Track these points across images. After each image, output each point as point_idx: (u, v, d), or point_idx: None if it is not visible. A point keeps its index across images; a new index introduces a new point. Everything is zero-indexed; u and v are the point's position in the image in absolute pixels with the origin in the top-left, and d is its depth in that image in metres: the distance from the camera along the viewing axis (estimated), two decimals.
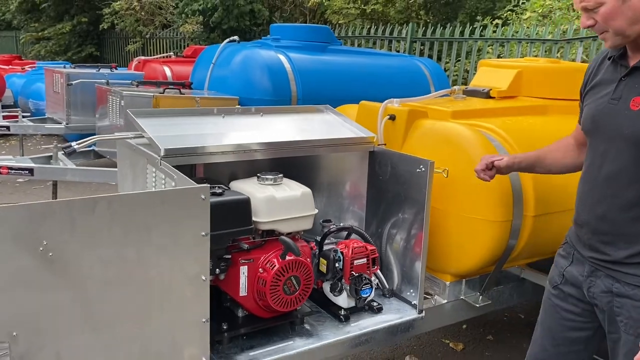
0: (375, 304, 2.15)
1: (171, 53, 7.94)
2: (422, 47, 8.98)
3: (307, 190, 1.97)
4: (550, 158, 1.85)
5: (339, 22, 10.06)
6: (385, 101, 2.44)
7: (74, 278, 1.39)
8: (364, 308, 2.13)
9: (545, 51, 7.48)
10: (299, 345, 1.91)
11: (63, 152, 2.15)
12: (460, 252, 2.19)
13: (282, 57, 4.96)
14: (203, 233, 1.57)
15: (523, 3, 9.33)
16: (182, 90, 4.67)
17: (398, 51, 9.01)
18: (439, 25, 9.00)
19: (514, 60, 3.07)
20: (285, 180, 2.02)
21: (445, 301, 2.30)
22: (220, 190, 1.78)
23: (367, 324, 2.07)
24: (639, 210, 1.46)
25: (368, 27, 9.66)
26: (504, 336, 3.15)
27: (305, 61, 5.07)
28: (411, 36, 8.84)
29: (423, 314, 2.16)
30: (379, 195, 2.30)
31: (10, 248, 1.29)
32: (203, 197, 1.55)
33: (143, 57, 7.39)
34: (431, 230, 2.10)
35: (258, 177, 1.97)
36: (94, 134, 5.17)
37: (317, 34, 5.62)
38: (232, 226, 1.75)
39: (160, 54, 13.98)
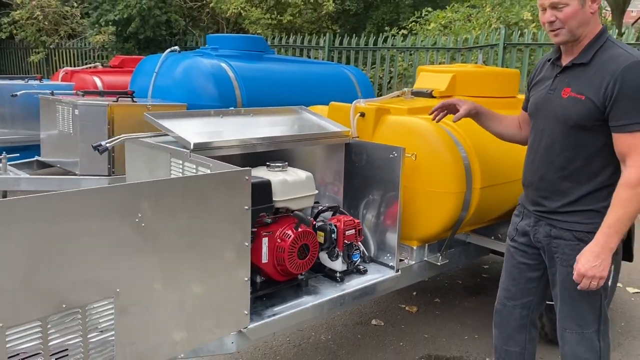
0: (361, 267, 2.61)
1: (98, 63, 7.90)
2: (339, 56, 9.61)
3: (310, 174, 2.40)
4: (501, 123, 2.37)
5: (257, 32, 10.46)
6: (354, 101, 2.91)
7: (158, 244, 1.72)
8: (353, 271, 2.58)
9: (451, 58, 8.38)
10: (309, 300, 2.32)
11: (97, 150, 2.37)
12: (425, 221, 2.71)
13: (224, 65, 5.29)
14: (246, 207, 1.95)
15: (425, 15, 10.28)
16: (124, 98, 4.84)
17: (317, 59, 9.58)
18: (353, 35, 9.70)
19: (447, 66, 3.67)
20: (290, 167, 2.43)
21: (414, 262, 2.81)
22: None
23: (358, 282, 2.53)
24: (567, 172, 2.02)
25: (287, 36, 10.17)
26: (448, 299, 3.73)
27: (246, 69, 5.44)
28: (329, 45, 9.45)
29: (399, 272, 2.65)
30: (354, 179, 2.76)
31: (116, 219, 1.60)
32: (247, 177, 1.93)
33: (70, 68, 7.33)
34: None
35: (268, 165, 2.37)
36: (38, 145, 5.22)
37: (253, 43, 6.01)
38: (259, 203, 2.13)
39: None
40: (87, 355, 1.61)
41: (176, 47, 5.67)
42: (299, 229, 2.27)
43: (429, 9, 10.18)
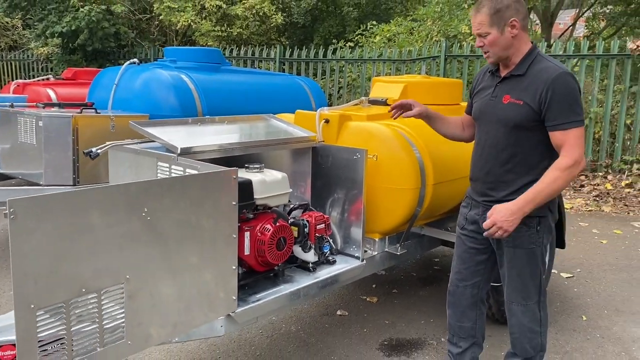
0: (331, 258, 2.89)
1: (50, 76, 7.86)
2: (289, 67, 9.92)
3: (285, 174, 2.67)
4: (448, 124, 2.73)
5: (207, 44, 10.63)
6: (319, 109, 3.21)
7: (162, 235, 1.94)
8: (323, 262, 2.86)
9: (396, 69, 8.85)
10: (287, 288, 2.58)
11: (89, 156, 2.52)
12: (386, 215, 3.02)
13: (184, 77, 5.48)
14: (233, 203, 2.19)
15: (371, 28, 10.77)
16: (86, 110, 4.94)
17: (267, 70, 9.85)
18: (303, 47, 10.04)
19: (399, 77, 4.02)
20: (266, 169, 2.68)
21: (376, 253, 3.11)
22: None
23: (328, 271, 2.80)
24: (510, 165, 2.37)
25: (237, 49, 10.39)
26: (405, 289, 4.06)
27: (205, 80, 5.64)
28: (280, 57, 9.74)
29: (364, 262, 2.95)
30: (321, 180, 3.05)
31: (126, 213, 1.82)
32: (234, 176, 2.18)
33: (21, 81, 7.28)
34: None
35: (246, 167, 2.62)
36: None
37: (210, 55, 6.22)
38: (242, 200, 2.37)
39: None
40: (102, 335, 1.81)
41: (135, 60, 5.81)
42: (277, 224, 2.53)
43: (374, 22, 10.68)
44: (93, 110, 4.90)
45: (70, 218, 1.65)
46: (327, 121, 3.14)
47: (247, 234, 2.47)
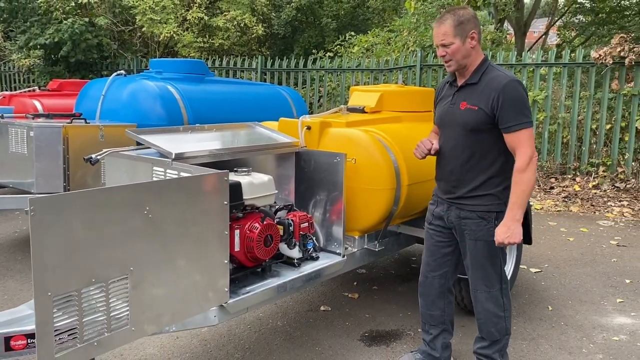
0: (314, 254, 3.11)
1: (35, 87, 7.99)
2: (271, 77, 10.17)
3: (270, 177, 2.89)
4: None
5: (190, 55, 10.82)
6: (301, 117, 3.45)
7: (161, 231, 2.15)
8: (307, 258, 3.08)
9: (375, 78, 9.14)
10: (274, 282, 2.80)
11: (89, 162, 2.69)
12: (364, 214, 3.26)
13: (170, 87, 5.68)
14: (225, 202, 2.41)
15: (349, 39, 11.07)
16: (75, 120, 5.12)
17: (250, 80, 10.08)
18: (284, 57, 10.30)
19: (375, 86, 4.28)
20: (253, 172, 2.91)
21: (356, 249, 3.35)
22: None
23: (312, 266, 3.03)
24: (469, 165, 2.63)
25: (220, 59, 10.60)
26: (384, 285, 4.30)
27: (190, 90, 5.85)
28: (261, 67, 9.98)
29: (345, 258, 3.18)
30: (304, 182, 3.28)
31: (129, 211, 2.03)
32: (226, 178, 2.40)
33: (7, 92, 7.40)
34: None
35: (235, 170, 2.84)
36: None
37: (195, 66, 6.42)
38: (232, 200, 2.59)
39: (32, 87, 13.24)
40: (109, 321, 2.01)
41: (122, 71, 5.99)
42: (265, 222, 2.75)
43: (352, 33, 10.99)
44: (83, 121, 5.07)
45: (82, 215, 1.86)
46: (308, 128, 3.38)
47: (237, 232, 2.69)
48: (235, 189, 2.64)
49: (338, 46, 11.20)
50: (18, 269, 4.65)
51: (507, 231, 2.50)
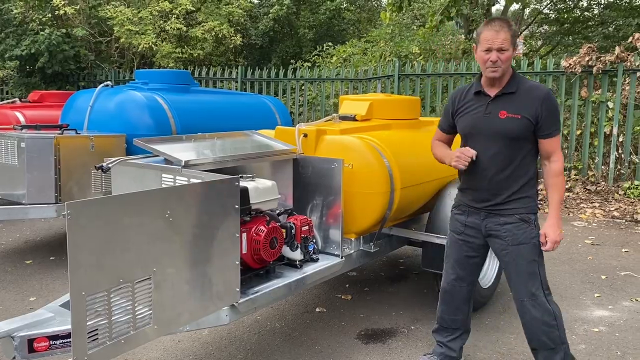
0: (315, 256, 3.26)
1: (16, 99, 7.94)
2: (251, 86, 10.28)
3: (274, 182, 3.03)
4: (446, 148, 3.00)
5: (168, 65, 10.87)
6: (297, 125, 3.60)
7: (181, 234, 2.27)
8: (308, 260, 3.22)
9: (354, 88, 9.36)
10: (279, 282, 2.93)
11: (100, 170, 2.78)
12: (360, 217, 3.42)
13: (157, 97, 5.75)
14: (237, 206, 2.54)
15: (327, 49, 11.29)
16: (64, 131, 5.16)
17: (230, 89, 10.19)
18: (262, 67, 10.44)
19: (364, 96, 4.46)
20: (257, 178, 3.04)
21: (353, 251, 3.50)
22: None
23: (313, 267, 3.17)
24: (509, 172, 2.69)
25: (198, 69, 10.69)
26: (375, 287, 4.46)
27: (177, 100, 5.93)
28: (242, 77, 10.11)
29: (343, 259, 3.33)
30: (302, 188, 3.42)
31: (153, 215, 2.14)
32: (237, 183, 2.53)
33: None
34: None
35: (241, 176, 2.96)
36: None
37: (180, 77, 6.51)
38: (241, 205, 2.72)
39: (13, 99, 13.00)
40: (134, 320, 2.11)
41: (109, 82, 6.05)
42: (270, 225, 2.88)
43: (329, 43, 11.21)
44: (73, 131, 5.11)
45: (112, 218, 1.97)
46: (305, 135, 3.53)
47: (244, 235, 2.81)
48: (244, 194, 2.76)
49: (316, 56, 11.40)
50: (9, 280, 4.66)
51: (556, 230, 2.63)
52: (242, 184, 2.89)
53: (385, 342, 3.53)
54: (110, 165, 2.79)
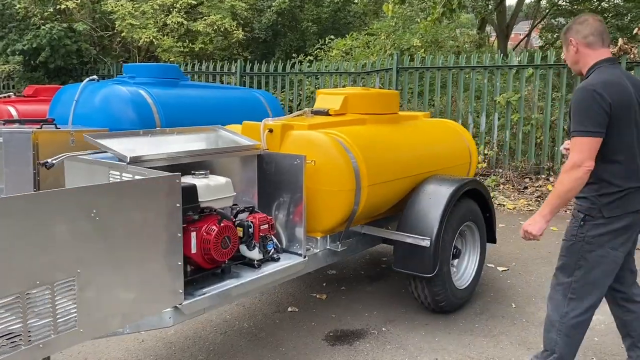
0: (275, 256, 3.15)
1: (10, 93, 7.96)
2: (250, 81, 10.20)
3: (228, 179, 2.93)
4: None
5: (170, 59, 10.83)
6: (264, 120, 3.49)
7: (110, 234, 2.17)
8: (268, 259, 3.12)
9: (352, 81, 9.20)
10: (232, 283, 2.83)
11: (44, 166, 2.72)
12: (325, 215, 3.30)
13: (143, 92, 5.67)
14: (177, 205, 2.44)
15: (329, 42, 11.14)
16: (47, 126, 5.10)
17: (229, 84, 10.10)
18: (264, 61, 10.33)
19: (340, 89, 4.34)
20: (211, 175, 2.94)
21: (318, 250, 3.39)
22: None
23: (273, 267, 3.06)
24: None
25: (200, 63, 10.62)
26: (352, 286, 4.35)
27: (163, 94, 5.84)
28: (240, 71, 10.01)
29: (306, 258, 3.22)
30: (267, 184, 3.31)
31: (74, 214, 2.05)
32: (177, 181, 2.43)
33: None
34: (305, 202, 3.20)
35: (193, 174, 2.87)
36: None
37: (168, 71, 6.43)
38: (187, 203, 2.62)
39: (8, 94, 13.14)
40: (55, 323, 2.03)
41: (95, 77, 5.99)
42: (222, 224, 2.78)
43: (332, 37, 11.05)
44: (53, 126, 5.07)
45: (23, 218, 1.88)
46: (270, 131, 3.42)
47: (193, 234, 2.72)
48: (190, 192, 2.67)
49: (318, 50, 11.26)
50: None
51: (533, 221, 2.55)
52: (193, 181, 2.80)
53: (352, 344, 3.41)
54: (54, 162, 2.71)
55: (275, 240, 3.22)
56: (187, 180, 2.82)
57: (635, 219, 2.56)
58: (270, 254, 3.10)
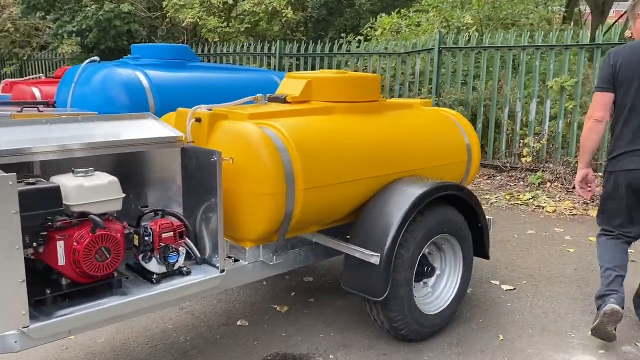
0: (185, 268, 2.68)
1: (41, 74, 8.06)
2: (297, 62, 9.68)
3: (114, 178, 2.48)
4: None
5: (214, 40, 10.59)
6: (194, 107, 3.01)
7: None
8: (175, 272, 2.66)
9: (402, 62, 8.41)
10: (113, 301, 2.40)
11: None
12: (250, 221, 2.78)
13: (139, 74, 5.36)
14: (13, 211, 2.04)
15: (380, 21, 10.38)
16: (40, 108, 4.95)
17: (270, 65, 9.69)
18: (310, 42, 9.78)
19: (307, 73, 3.74)
20: (97, 172, 2.51)
21: (247, 263, 2.88)
22: (33, 181, 2.25)
23: (176, 283, 2.60)
24: None
25: (241, 44, 10.30)
26: (322, 298, 3.79)
27: (163, 77, 5.52)
28: (279, 52, 9.56)
29: (224, 272, 2.73)
30: (190, 183, 2.85)
31: None
32: (11, 182, 2.02)
33: (10, 80, 7.48)
34: (229, 205, 2.70)
35: (73, 171, 2.46)
36: None
37: (176, 52, 6.10)
38: (43, 208, 2.21)
39: (38, 75, 13.77)
40: None
41: (95, 57, 5.79)
42: (96, 232, 2.35)
43: (383, 14, 10.29)
44: (35, 109, 4.90)
45: None
46: (198, 120, 2.93)
47: (60, 243, 2.31)
48: (49, 194, 2.25)
49: (369, 29, 10.54)
50: None
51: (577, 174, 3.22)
52: (66, 180, 2.38)
53: None
54: None
55: (190, 249, 2.76)
56: (62, 178, 2.42)
57: None
58: (174, 267, 2.64)
